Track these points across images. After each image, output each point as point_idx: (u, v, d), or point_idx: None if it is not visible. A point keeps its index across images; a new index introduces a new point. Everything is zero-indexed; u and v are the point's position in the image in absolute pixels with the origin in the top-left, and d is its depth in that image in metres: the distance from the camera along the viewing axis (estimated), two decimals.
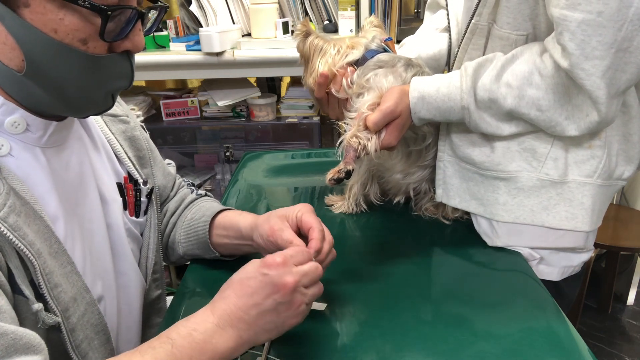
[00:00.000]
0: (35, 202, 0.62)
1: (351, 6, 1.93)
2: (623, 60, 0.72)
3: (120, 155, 0.83)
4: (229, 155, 2.15)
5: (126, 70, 0.66)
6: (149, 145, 0.91)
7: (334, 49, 0.97)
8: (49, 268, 0.62)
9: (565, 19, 0.72)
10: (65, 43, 0.58)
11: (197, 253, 0.93)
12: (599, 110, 0.76)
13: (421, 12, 1.97)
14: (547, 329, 0.74)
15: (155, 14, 0.68)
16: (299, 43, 1.00)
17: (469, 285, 0.86)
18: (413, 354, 0.70)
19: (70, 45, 0.58)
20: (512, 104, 0.82)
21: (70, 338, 0.64)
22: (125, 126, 0.86)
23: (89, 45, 0.60)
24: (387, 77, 0.91)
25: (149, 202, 0.86)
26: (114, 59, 0.63)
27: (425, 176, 1.04)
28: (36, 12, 0.56)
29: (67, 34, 0.58)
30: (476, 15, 0.87)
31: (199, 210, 0.95)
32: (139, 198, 0.84)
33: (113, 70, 0.64)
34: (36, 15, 0.56)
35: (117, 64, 0.64)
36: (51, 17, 0.56)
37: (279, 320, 0.61)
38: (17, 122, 0.62)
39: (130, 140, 0.86)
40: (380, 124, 0.86)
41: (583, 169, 0.87)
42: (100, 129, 0.82)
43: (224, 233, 0.89)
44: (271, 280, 0.60)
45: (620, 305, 2.35)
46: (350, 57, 0.96)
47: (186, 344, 0.57)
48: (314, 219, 0.74)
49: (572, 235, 0.90)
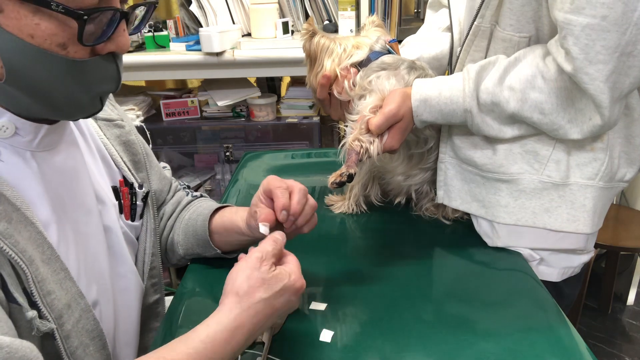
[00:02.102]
0: (26, 207, 0.61)
1: (351, 6, 1.93)
2: (627, 64, 0.72)
3: (116, 159, 0.83)
4: (229, 155, 2.15)
5: (112, 73, 0.64)
6: (145, 149, 0.90)
7: (341, 47, 0.97)
8: (41, 275, 0.61)
9: (569, 23, 0.71)
10: (43, 48, 0.56)
11: (197, 252, 0.93)
12: (602, 114, 0.76)
13: (421, 12, 1.97)
14: (548, 329, 0.74)
15: (143, 10, 0.66)
16: (305, 43, 0.99)
17: (469, 285, 0.86)
18: (413, 354, 0.70)
19: (49, 51, 0.56)
20: (515, 108, 0.81)
21: (64, 345, 0.63)
22: (120, 130, 0.85)
23: (69, 50, 0.58)
24: (389, 79, 0.90)
25: (145, 206, 0.86)
26: (97, 62, 0.61)
27: (426, 178, 1.04)
28: (10, 17, 0.54)
29: (44, 39, 0.56)
30: (479, 17, 0.86)
31: (196, 210, 0.95)
32: (134, 202, 0.84)
33: (98, 74, 0.62)
34: (10, 20, 0.54)
35: (101, 68, 0.62)
36: (26, 23, 0.54)
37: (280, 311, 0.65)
38: (5, 126, 0.61)
39: (125, 144, 0.86)
40: (382, 127, 0.86)
41: (585, 171, 0.86)
42: (95, 134, 0.81)
43: (224, 232, 0.89)
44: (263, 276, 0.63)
45: (620, 305, 2.35)
46: (354, 57, 0.96)
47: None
48: (275, 183, 0.75)
49: (573, 237, 0.90)
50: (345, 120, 0.95)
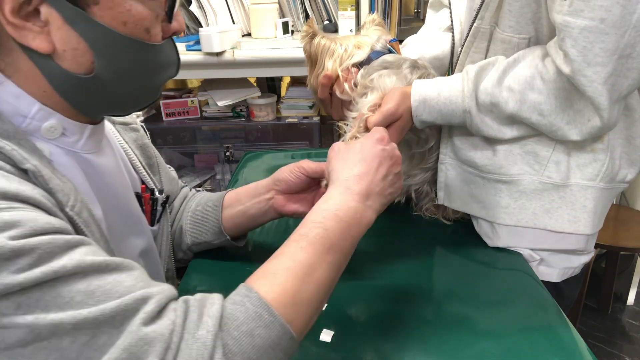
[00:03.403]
0: (88, 201, 0.61)
1: (351, 6, 1.93)
2: (625, 66, 0.72)
3: (135, 164, 0.83)
4: (229, 155, 2.15)
5: (174, 56, 0.66)
6: (155, 152, 0.91)
7: (342, 48, 0.97)
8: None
9: (567, 25, 0.71)
10: (131, 36, 0.57)
11: (205, 240, 0.92)
12: (601, 116, 0.75)
13: (421, 12, 1.97)
14: (548, 329, 0.74)
15: None
16: (306, 45, 0.98)
17: (469, 285, 0.86)
18: (413, 354, 0.70)
19: (136, 38, 0.58)
20: (514, 108, 0.81)
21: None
22: (136, 134, 0.86)
23: (152, 34, 0.59)
24: (391, 78, 0.90)
25: (163, 211, 0.86)
26: (166, 45, 0.63)
27: (427, 178, 1.04)
28: (105, 7, 0.55)
29: (135, 25, 0.57)
30: (478, 18, 0.86)
31: (204, 198, 0.95)
32: (155, 207, 0.84)
33: (166, 57, 0.64)
34: (105, 11, 0.55)
35: (169, 51, 0.64)
36: (120, 10, 0.56)
37: (392, 190, 0.70)
38: (54, 127, 0.61)
39: (141, 148, 0.86)
40: (380, 126, 0.86)
41: (585, 172, 0.86)
42: (115, 138, 0.80)
43: (236, 200, 0.90)
44: (389, 154, 0.70)
45: (620, 305, 2.35)
46: (355, 57, 0.96)
47: (335, 224, 0.61)
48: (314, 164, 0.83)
49: (574, 237, 0.90)
50: (346, 120, 0.95)
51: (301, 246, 0.59)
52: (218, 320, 0.50)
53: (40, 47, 0.54)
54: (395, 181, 0.71)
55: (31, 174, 0.53)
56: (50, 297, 0.45)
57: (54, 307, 0.45)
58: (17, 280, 0.44)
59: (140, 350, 0.47)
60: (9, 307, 0.44)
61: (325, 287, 0.60)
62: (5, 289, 0.44)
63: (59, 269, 0.46)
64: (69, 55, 0.56)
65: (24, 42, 0.54)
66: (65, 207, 0.55)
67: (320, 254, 0.59)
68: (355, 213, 0.64)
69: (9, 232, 0.45)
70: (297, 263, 0.57)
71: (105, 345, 0.46)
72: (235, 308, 0.52)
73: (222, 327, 0.50)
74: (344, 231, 0.62)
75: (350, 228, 0.63)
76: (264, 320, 0.52)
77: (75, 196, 0.57)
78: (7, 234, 0.45)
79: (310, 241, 0.59)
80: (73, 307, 0.46)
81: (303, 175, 0.84)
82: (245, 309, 0.52)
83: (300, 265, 0.57)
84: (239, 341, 0.50)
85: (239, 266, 0.93)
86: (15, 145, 0.53)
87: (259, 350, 0.51)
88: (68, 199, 0.56)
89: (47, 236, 0.47)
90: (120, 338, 0.46)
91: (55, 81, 0.57)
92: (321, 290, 0.59)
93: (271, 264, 0.58)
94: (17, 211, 0.47)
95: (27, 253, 0.45)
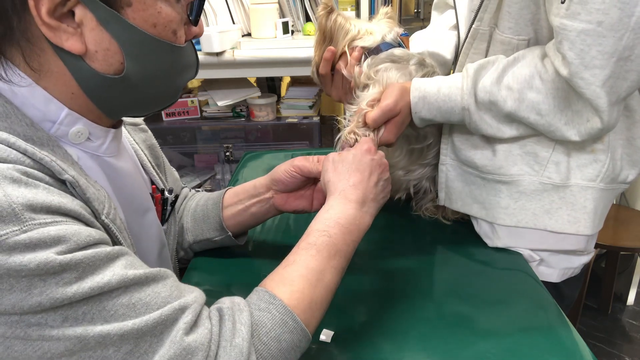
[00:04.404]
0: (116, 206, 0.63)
1: (351, 6, 1.93)
2: (624, 68, 0.71)
3: (145, 165, 0.83)
4: (229, 155, 2.15)
5: (193, 58, 0.67)
6: (161, 152, 0.92)
7: (355, 29, 0.96)
8: None
9: (564, 28, 0.71)
10: (160, 38, 0.59)
11: (207, 237, 0.93)
12: (601, 117, 0.75)
13: (421, 12, 1.97)
14: (548, 329, 0.74)
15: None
16: (322, 20, 0.97)
17: (469, 285, 0.86)
18: (413, 354, 0.70)
19: (164, 39, 0.59)
20: (512, 107, 0.81)
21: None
22: (145, 135, 0.87)
23: (178, 35, 0.61)
24: (396, 73, 0.90)
25: (172, 210, 0.87)
26: (188, 48, 0.65)
27: (426, 174, 1.04)
28: (138, 9, 0.56)
29: (164, 27, 0.59)
30: (477, 20, 0.86)
31: (204, 197, 0.96)
32: (165, 207, 0.85)
33: (187, 59, 0.66)
34: (138, 13, 0.56)
35: (190, 53, 0.66)
36: (151, 12, 0.57)
37: (384, 194, 0.77)
38: (81, 132, 0.61)
39: (150, 149, 0.86)
40: (379, 121, 0.86)
41: (585, 172, 0.86)
42: (126, 139, 0.81)
43: (236, 200, 0.91)
44: (378, 162, 0.77)
45: (620, 305, 2.35)
46: (366, 42, 0.96)
47: (338, 231, 0.67)
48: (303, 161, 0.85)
49: (574, 238, 0.90)
50: (345, 101, 0.95)
51: (311, 254, 0.64)
52: (250, 327, 0.56)
53: (73, 48, 0.55)
54: (386, 186, 0.77)
55: (69, 185, 0.54)
56: (97, 311, 0.48)
57: (99, 319, 0.48)
58: (66, 295, 0.47)
59: (184, 359, 0.51)
60: (56, 319, 0.47)
61: (333, 289, 0.65)
62: (55, 303, 0.46)
63: (104, 284, 0.49)
64: (101, 56, 0.57)
65: (58, 42, 0.54)
66: (101, 216, 0.57)
67: (327, 260, 0.65)
68: (355, 219, 0.70)
69: (56, 248, 0.47)
70: (310, 270, 0.63)
71: (147, 352, 0.50)
72: (262, 315, 0.58)
73: (253, 334, 0.56)
74: (346, 237, 0.68)
75: (351, 233, 0.69)
76: (289, 326, 0.58)
77: (109, 203, 0.59)
78: (55, 249, 0.47)
79: (318, 248, 0.65)
80: (117, 319, 0.49)
81: (298, 175, 0.85)
82: (272, 316, 0.58)
83: (312, 272, 0.63)
84: (268, 346, 0.56)
85: (240, 265, 0.93)
86: (49, 152, 0.55)
87: (284, 354, 0.57)
88: (103, 206, 0.58)
89: (89, 250, 0.50)
90: (164, 347, 0.50)
91: (84, 82, 0.58)
92: (329, 293, 0.65)
93: (286, 270, 0.63)
94: (61, 225, 0.49)
95: (74, 267, 0.47)
